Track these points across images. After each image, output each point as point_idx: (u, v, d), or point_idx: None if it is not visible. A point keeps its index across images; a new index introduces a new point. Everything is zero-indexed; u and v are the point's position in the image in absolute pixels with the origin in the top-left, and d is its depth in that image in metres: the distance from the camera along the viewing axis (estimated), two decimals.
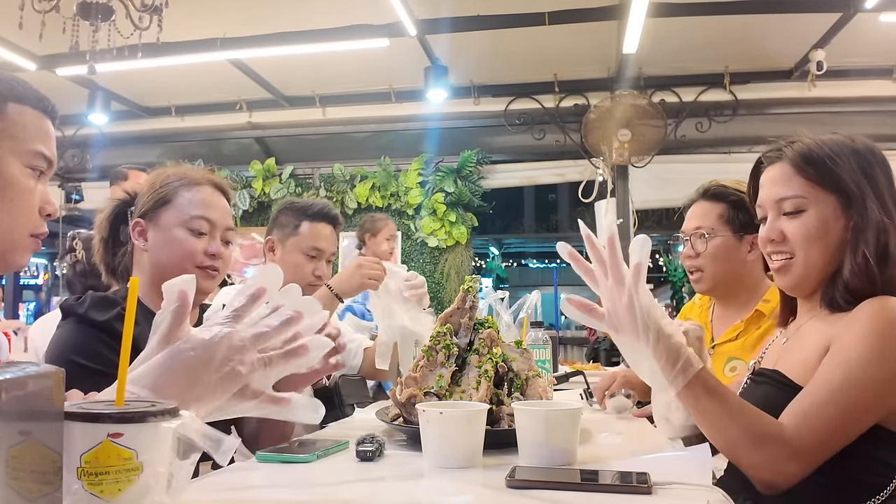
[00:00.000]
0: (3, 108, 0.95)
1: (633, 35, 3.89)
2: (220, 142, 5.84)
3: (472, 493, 0.97)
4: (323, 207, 2.15)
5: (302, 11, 3.93)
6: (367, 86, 5.20)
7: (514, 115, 5.20)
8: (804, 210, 1.15)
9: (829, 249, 1.14)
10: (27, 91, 0.99)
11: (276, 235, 2.14)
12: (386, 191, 5.53)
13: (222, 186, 1.50)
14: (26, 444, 0.48)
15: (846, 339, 1.06)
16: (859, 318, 1.07)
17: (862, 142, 1.18)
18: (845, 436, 1.03)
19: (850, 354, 1.04)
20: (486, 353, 1.37)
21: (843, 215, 1.13)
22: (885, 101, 4.81)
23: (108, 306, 1.30)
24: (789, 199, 1.16)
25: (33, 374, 0.49)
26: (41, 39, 2.89)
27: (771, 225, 1.19)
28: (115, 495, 0.61)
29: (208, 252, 1.42)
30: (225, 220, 1.47)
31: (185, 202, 1.42)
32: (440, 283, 5.47)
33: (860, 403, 1.02)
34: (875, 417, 1.05)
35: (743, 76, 4.89)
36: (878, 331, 1.04)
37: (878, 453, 1.07)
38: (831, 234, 1.14)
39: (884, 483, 1.08)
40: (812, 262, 1.15)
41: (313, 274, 2.08)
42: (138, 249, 1.43)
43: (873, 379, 1.02)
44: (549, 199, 12.36)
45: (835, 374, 1.04)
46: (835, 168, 1.14)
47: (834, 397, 1.02)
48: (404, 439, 1.31)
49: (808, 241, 1.15)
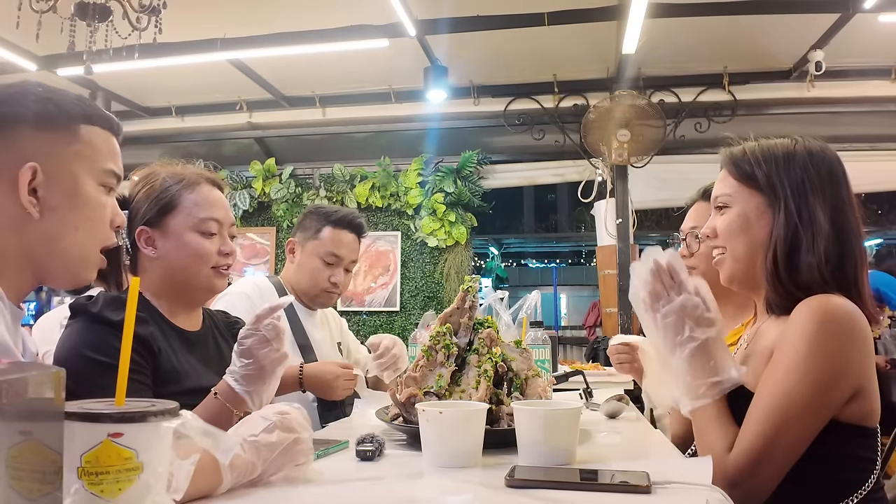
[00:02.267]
0: (77, 130, 1.01)
1: (633, 35, 3.89)
2: (220, 142, 5.83)
3: (472, 492, 0.97)
4: (347, 215, 2.15)
5: (302, 11, 3.93)
6: (366, 86, 5.20)
7: (513, 115, 5.21)
8: (729, 206, 1.22)
9: (752, 244, 1.19)
10: (95, 111, 1.05)
11: (298, 238, 2.13)
12: (386, 191, 5.53)
13: (216, 181, 1.51)
14: (26, 444, 0.48)
15: (781, 349, 1.08)
16: (791, 323, 1.09)
17: (804, 146, 1.20)
18: (795, 442, 1.04)
19: (781, 366, 1.06)
20: (485, 352, 1.37)
21: (765, 213, 1.18)
22: (883, 101, 4.81)
23: (121, 306, 1.29)
24: (720, 197, 1.25)
25: (33, 374, 0.49)
26: (38, 40, 2.88)
27: (709, 222, 1.27)
28: (116, 495, 0.61)
29: (222, 252, 1.43)
30: (229, 216, 1.48)
31: (191, 205, 1.41)
32: (440, 283, 5.47)
33: (798, 410, 1.03)
34: (828, 413, 1.05)
35: (742, 76, 4.89)
36: (805, 334, 1.05)
37: (856, 451, 1.08)
38: (754, 230, 1.19)
39: (864, 477, 1.09)
40: (738, 255, 1.21)
41: (329, 280, 2.07)
42: (145, 256, 1.42)
43: (805, 384, 1.03)
44: (549, 200, 12.38)
45: (769, 387, 1.06)
46: (758, 169, 1.20)
47: (768, 410, 1.04)
48: (404, 439, 1.32)
49: (730, 235, 1.21)
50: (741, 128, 4.87)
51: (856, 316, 1.07)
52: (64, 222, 0.98)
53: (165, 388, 1.29)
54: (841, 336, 1.05)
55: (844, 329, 1.06)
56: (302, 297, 2.11)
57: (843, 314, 1.06)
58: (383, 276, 5.57)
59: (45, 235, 0.97)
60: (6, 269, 0.96)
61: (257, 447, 0.94)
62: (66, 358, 1.24)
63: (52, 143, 0.98)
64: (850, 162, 1.23)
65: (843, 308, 1.07)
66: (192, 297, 1.45)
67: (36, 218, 0.95)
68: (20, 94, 0.97)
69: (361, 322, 5.50)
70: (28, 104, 0.97)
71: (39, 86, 0.99)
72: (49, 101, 0.99)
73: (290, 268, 2.14)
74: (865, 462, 1.10)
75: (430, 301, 5.44)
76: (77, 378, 1.09)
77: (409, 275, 5.53)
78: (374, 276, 5.58)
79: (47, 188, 0.96)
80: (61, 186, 0.98)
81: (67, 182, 0.98)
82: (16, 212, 0.94)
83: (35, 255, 0.97)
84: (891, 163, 4.95)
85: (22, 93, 0.97)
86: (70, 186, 0.99)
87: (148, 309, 1.37)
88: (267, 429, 0.96)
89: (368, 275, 5.57)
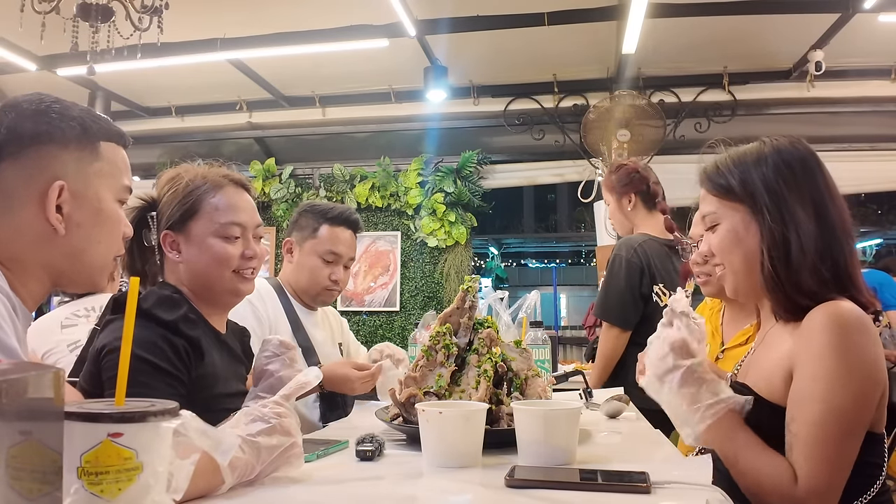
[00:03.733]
0: (97, 148, 1.04)
1: (632, 35, 3.89)
2: (220, 142, 5.83)
3: (472, 492, 0.97)
4: (343, 211, 2.13)
5: (302, 11, 3.93)
6: (366, 86, 5.20)
7: (513, 115, 5.21)
8: (718, 223, 1.22)
9: (747, 256, 1.18)
10: (111, 128, 1.08)
11: (294, 237, 2.12)
12: (385, 191, 5.53)
13: (243, 182, 1.48)
14: (26, 443, 0.48)
15: (808, 367, 1.06)
16: (809, 337, 1.07)
17: (773, 147, 1.20)
18: (852, 456, 1.04)
19: (820, 386, 1.04)
20: (485, 352, 1.37)
21: (752, 224, 1.18)
22: (883, 101, 4.80)
23: (173, 306, 1.28)
24: (707, 216, 1.25)
25: (33, 373, 0.49)
26: (42, 40, 2.89)
27: (703, 241, 1.27)
28: (115, 495, 0.61)
29: (245, 255, 1.42)
30: (253, 218, 1.46)
31: (213, 209, 1.40)
32: (440, 283, 5.47)
33: (849, 425, 1.03)
34: (869, 420, 1.06)
35: (742, 76, 4.89)
36: (832, 348, 1.04)
37: (865, 456, 1.08)
38: (745, 242, 1.18)
39: (870, 483, 1.09)
40: (737, 269, 1.21)
41: (329, 278, 2.07)
42: (172, 260, 1.41)
43: (849, 398, 1.03)
44: (549, 200, 12.38)
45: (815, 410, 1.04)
46: (734, 181, 1.20)
47: (824, 434, 1.03)
48: (404, 439, 1.32)
49: (725, 251, 1.21)
50: (741, 128, 4.87)
51: (866, 320, 1.08)
52: (88, 238, 1.02)
53: (204, 392, 1.28)
54: (866, 345, 1.05)
55: (865, 336, 1.06)
56: (302, 296, 2.10)
57: (859, 321, 1.06)
58: (383, 276, 5.57)
59: (70, 249, 1.00)
60: (29, 279, 0.99)
61: (258, 449, 0.95)
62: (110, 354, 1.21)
63: (77, 162, 1.01)
64: (850, 162, 1.23)
65: (856, 315, 1.07)
66: (218, 301, 1.44)
67: (62, 234, 0.98)
68: (42, 113, 0.99)
69: (361, 322, 5.50)
70: (52, 122, 0.99)
71: (56, 102, 1.01)
72: (71, 118, 1.01)
73: (289, 268, 2.14)
74: (872, 468, 1.10)
75: (430, 301, 5.44)
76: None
77: (408, 275, 5.53)
78: (373, 276, 5.58)
79: (73, 206, 0.99)
80: (86, 204, 1.01)
81: (92, 199, 1.02)
82: (42, 227, 0.97)
83: (58, 266, 1.01)
84: (891, 163, 4.95)
85: (44, 111, 0.99)
86: (94, 204, 1.02)
87: (193, 310, 1.36)
88: (267, 431, 0.97)
89: (368, 275, 5.57)
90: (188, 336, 1.26)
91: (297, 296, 2.10)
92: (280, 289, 2.09)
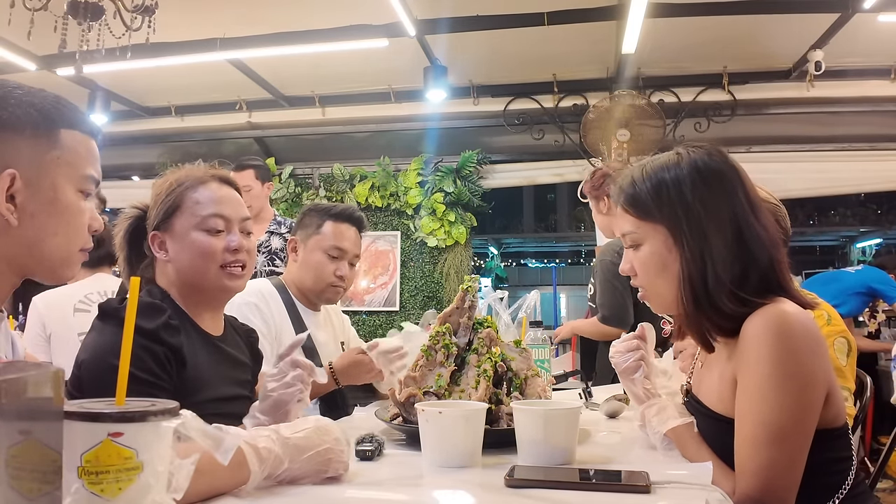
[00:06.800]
0: (57, 135, 0.98)
1: (632, 35, 3.89)
2: (220, 142, 5.83)
3: (471, 492, 0.97)
4: (347, 209, 2.16)
5: (301, 11, 3.92)
6: (366, 86, 5.20)
7: (513, 115, 5.21)
8: (641, 244, 1.18)
9: (672, 280, 1.14)
10: (75, 115, 1.02)
11: (299, 236, 2.13)
12: (385, 191, 5.53)
13: (227, 178, 1.47)
14: (26, 443, 0.48)
15: (746, 376, 1.06)
16: (749, 344, 1.06)
17: (689, 161, 1.16)
18: (792, 462, 1.02)
19: (755, 395, 1.03)
20: (485, 352, 1.37)
21: (674, 248, 1.14)
22: (883, 101, 4.80)
23: (154, 313, 1.26)
24: (627, 235, 1.21)
25: (32, 373, 0.49)
26: (30, 38, 2.86)
27: (625, 258, 1.23)
28: (116, 494, 0.61)
29: (229, 248, 1.38)
30: (239, 211, 1.43)
31: (194, 203, 1.39)
32: (439, 282, 5.47)
33: (782, 431, 1.01)
34: (813, 423, 1.04)
35: (741, 76, 4.89)
36: (768, 356, 1.03)
37: (830, 453, 1.08)
38: (669, 266, 1.14)
39: (842, 478, 1.08)
40: (661, 293, 1.18)
41: (335, 274, 2.07)
42: (161, 261, 1.40)
43: (785, 404, 1.01)
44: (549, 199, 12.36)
45: (748, 421, 1.04)
46: (652, 201, 1.15)
47: (757, 444, 1.02)
48: (404, 439, 1.32)
49: (648, 274, 1.18)
50: (741, 128, 4.88)
51: (805, 321, 1.05)
52: (43, 229, 0.97)
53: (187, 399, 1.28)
54: (802, 350, 1.03)
55: (802, 341, 1.04)
56: (307, 294, 2.10)
57: (796, 325, 1.04)
58: (383, 275, 5.57)
59: (26, 240, 0.95)
60: None
61: (285, 443, 0.95)
62: (92, 363, 1.21)
63: (32, 149, 0.95)
64: (849, 162, 1.21)
65: (793, 318, 1.05)
66: (208, 299, 1.42)
67: (14, 225, 0.94)
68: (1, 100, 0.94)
69: (361, 322, 5.50)
70: (8, 108, 0.94)
71: (18, 88, 0.97)
72: (30, 104, 0.96)
73: (293, 267, 2.14)
74: (841, 462, 1.10)
75: (430, 301, 5.43)
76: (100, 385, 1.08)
77: (408, 274, 5.53)
78: (373, 275, 5.57)
79: (26, 195, 0.94)
80: (40, 193, 0.96)
81: (47, 189, 0.97)
82: None
83: (17, 258, 0.97)
84: (891, 163, 4.94)
85: (2, 97, 0.95)
86: (49, 193, 0.97)
87: (178, 314, 1.34)
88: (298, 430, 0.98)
89: (368, 274, 5.57)
90: (169, 343, 1.24)
91: (302, 295, 2.10)
92: (283, 289, 2.09)
